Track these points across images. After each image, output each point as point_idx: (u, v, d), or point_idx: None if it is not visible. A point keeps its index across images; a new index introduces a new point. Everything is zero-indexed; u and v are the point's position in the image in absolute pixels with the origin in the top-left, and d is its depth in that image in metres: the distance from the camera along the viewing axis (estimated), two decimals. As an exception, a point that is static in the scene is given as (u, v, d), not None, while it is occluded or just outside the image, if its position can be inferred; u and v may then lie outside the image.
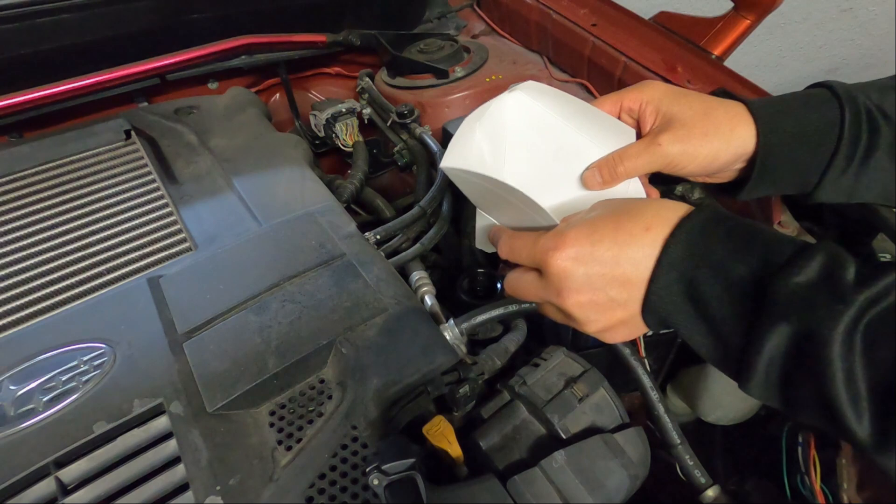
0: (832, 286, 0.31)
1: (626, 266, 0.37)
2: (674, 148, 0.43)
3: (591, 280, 0.38)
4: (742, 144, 0.44)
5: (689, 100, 0.45)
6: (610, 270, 0.37)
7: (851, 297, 0.30)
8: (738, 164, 0.46)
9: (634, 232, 0.37)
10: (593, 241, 0.38)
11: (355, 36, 1.06)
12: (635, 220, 0.38)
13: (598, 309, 0.39)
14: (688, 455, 0.51)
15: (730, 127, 0.44)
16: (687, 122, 0.44)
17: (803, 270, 0.32)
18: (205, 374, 0.49)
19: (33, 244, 0.65)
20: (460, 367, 0.52)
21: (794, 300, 0.31)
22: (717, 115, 0.44)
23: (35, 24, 0.84)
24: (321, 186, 0.75)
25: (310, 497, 0.42)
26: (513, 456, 0.49)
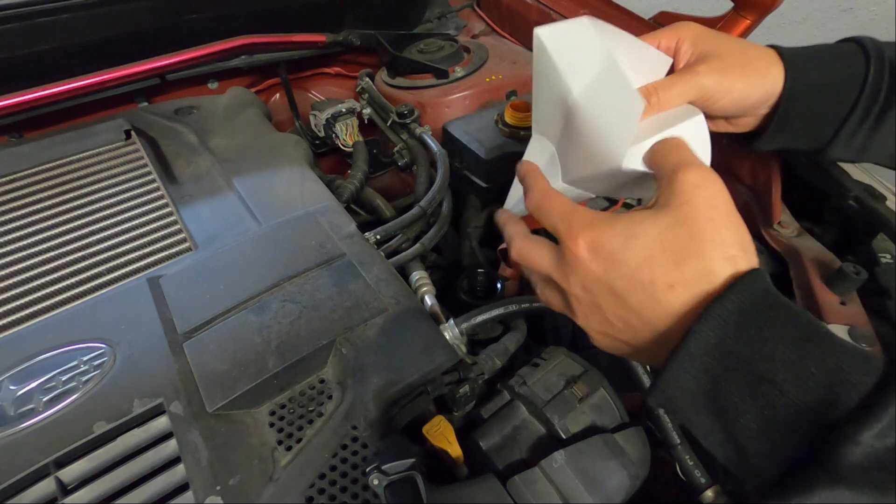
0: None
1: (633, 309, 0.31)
2: (710, 79, 0.41)
3: (594, 289, 0.33)
4: (773, 84, 0.43)
5: (724, 37, 0.44)
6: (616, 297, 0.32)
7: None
8: (763, 109, 0.45)
9: (657, 282, 0.30)
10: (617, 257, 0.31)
11: (355, 36, 1.06)
12: (665, 264, 0.30)
13: (590, 312, 0.34)
14: (688, 455, 0.51)
15: (765, 64, 0.43)
16: (724, 55, 0.42)
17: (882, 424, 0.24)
18: (205, 374, 0.49)
19: (33, 244, 0.65)
20: (460, 367, 0.52)
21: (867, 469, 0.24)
22: (752, 52, 0.44)
23: (35, 24, 0.84)
24: (321, 186, 0.75)
25: (310, 497, 0.42)
26: (513, 456, 0.49)
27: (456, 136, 0.84)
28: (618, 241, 0.32)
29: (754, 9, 0.79)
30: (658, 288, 0.30)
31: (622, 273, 0.31)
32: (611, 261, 0.32)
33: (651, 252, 0.31)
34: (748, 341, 0.27)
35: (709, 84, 0.41)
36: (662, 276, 0.30)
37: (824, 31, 2.30)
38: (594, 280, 0.33)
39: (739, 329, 0.27)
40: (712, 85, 0.41)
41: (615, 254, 0.31)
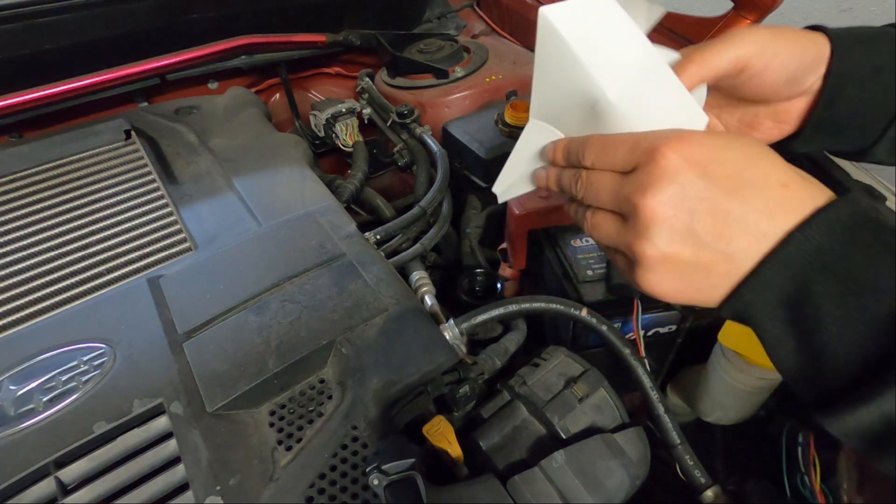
0: None
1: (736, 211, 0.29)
2: (747, 43, 0.37)
3: (688, 193, 0.29)
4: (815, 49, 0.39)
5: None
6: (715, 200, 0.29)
7: None
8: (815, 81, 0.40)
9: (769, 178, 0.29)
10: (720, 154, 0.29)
11: (355, 36, 1.06)
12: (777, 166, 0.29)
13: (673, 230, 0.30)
14: (688, 455, 0.51)
15: (805, 33, 0.39)
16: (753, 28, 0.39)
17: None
18: (205, 374, 0.49)
19: (33, 244, 0.65)
20: (460, 367, 0.52)
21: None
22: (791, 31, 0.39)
23: (35, 24, 0.84)
24: (321, 186, 0.75)
25: (310, 497, 0.42)
26: (513, 456, 0.49)
27: (456, 136, 0.84)
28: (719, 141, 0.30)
29: (754, 9, 0.79)
30: (771, 185, 0.29)
31: (726, 171, 0.29)
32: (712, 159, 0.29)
33: (755, 152, 0.30)
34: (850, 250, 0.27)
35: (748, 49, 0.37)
36: (775, 174, 0.29)
37: (824, 31, 2.30)
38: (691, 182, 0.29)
39: (846, 236, 0.27)
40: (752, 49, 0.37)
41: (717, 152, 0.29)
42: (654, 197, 0.30)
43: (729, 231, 0.29)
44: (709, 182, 0.29)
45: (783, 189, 0.29)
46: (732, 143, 0.30)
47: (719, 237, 0.29)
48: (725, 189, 0.29)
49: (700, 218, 0.29)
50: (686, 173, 0.29)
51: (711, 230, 0.29)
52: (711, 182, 0.29)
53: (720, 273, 0.30)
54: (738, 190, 0.29)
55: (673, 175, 0.29)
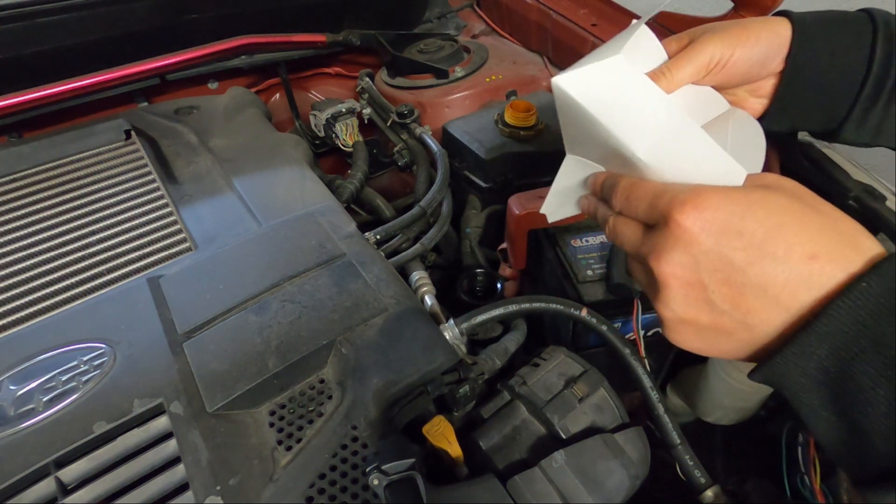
0: None
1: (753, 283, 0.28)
2: (714, 44, 0.39)
3: (701, 263, 0.29)
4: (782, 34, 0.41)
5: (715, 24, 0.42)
6: (730, 272, 0.28)
7: None
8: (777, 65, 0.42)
9: (793, 251, 0.27)
10: (738, 224, 0.28)
11: (355, 36, 1.07)
12: (804, 235, 0.27)
13: (688, 297, 0.30)
14: (688, 455, 0.51)
15: (763, 20, 0.42)
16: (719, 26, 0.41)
17: None
18: (205, 374, 0.49)
19: (33, 244, 0.65)
20: (460, 367, 0.52)
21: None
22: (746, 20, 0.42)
23: (35, 24, 0.84)
24: (321, 186, 0.75)
25: (310, 497, 0.42)
26: (513, 456, 0.49)
27: (456, 136, 0.84)
28: (737, 208, 0.28)
29: (754, 9, 0.79)
30: (795, 258, 0.27)
31: (744, 244, 0.28)
32: (727, 230, 0.28)
33: (777, 221, 0.28)
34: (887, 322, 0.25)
35: (714, 48, 0.39)
36: (800, 245, 0.27)
37: (824, 31, 2.30)
38: (705, 251, 0.29)
39: (885, 309, 0.25)
40: (718, 49, 0.39)
41: (733, 223, 0.28)
42: (667, 265, 0.30)
43: (747, 303, 0.28)
44: (723, 254, 0.28)
45: (810, 261, 0.27)
46: (754, 212, 0.28)
47: (737, 307, 0.29)
48: (743, 262, 0.28)
49: (715, 289, 0.29)
50: (700, 244, 0.29)
51: (729, 300, 0.29)
52: (726, 255, 0.28)
53: (742, 339, 0.30)
54: (756, 263, 0.28)
55: (686, 245, 0.29)
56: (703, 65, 0.40)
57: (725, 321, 0.30)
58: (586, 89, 0.36)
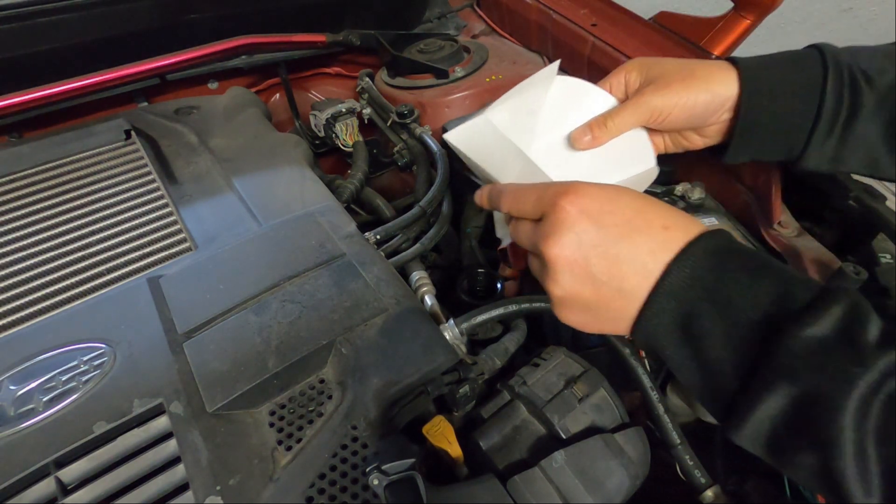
0: (850, 344, 0.27)
1: (625, 254, 0.33)
2: (656, 98, 0.45)
3: (583, 240, 0.34)
4: (723, 91, 0.46)
5: (669, 60, 0.48)
6: (607, 246, 0.34)
7: (871, 359, 0.27)
8: (724, 115, 0.47)
9: (653, 224, 0.34)
10: (609, 206, 0.34)
11: (355, 36, 1.06)
12: (659, 212, 0.34)
13: (574, 273, 0.35)
14: (688, 455, 0.51)
15: (707, 73, 0.46)
16: (667, 75, 0.46)
17: (818, 322, 0.28)
18: (205, 374, 0.49)
19: (33, 244, 0.65)
20: (460, 367, 0.52)
21: (804, 357, 0.28)
22: (695, 66, 0.47)
23: (35, 24, 0.84)
24: (321, 186, 0.75)
25: (310, 497, 0.42)
26: (513, 456, 0.49)
27: (456, 136, 0.84)
28: (606, 196, 0.35)
29: (754, 9, 0.79)
30: (655, 229, 0.33)
31: (615, 221, 0.34)
32: (602, 211, 0.34)
33: (640, 203, 0.35)
34: (716, 274, 0.31)
35: (656, 102, 0.45)
36: (657, 219, 0.34)
37: (824, 31, 2.30)
38: (585, 229, 0.34)
39: (710, 265, 0.32)
40: (659, 103, 0.45)
41: (606, 206, 0.34)
42: (556, 244, 0.35)
43: (621, 271, 0.33)
44: (601, 230, 0.34)
45: (664, 231, 0.33)
46: (622, 196, 0.35)
47: (613, 276, 0.34)
48: (615, 236, 0.34)
49: (595, 262, 0.34)
50: (581, 223, 0.34)
51: (606, 271, 0.34)
52: (603, 230, 0.34)
53: (618, 308, 0.35)
54: (626, 236, 0.33)
55: (570, 226, 0.34)
56: (644, 118, 0.46)
57: (605, 291, 0.34)
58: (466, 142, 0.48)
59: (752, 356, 0.30)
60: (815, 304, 0.29)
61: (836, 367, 0.27)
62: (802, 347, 0.28)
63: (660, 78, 0.46)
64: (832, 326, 0.28)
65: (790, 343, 0.28)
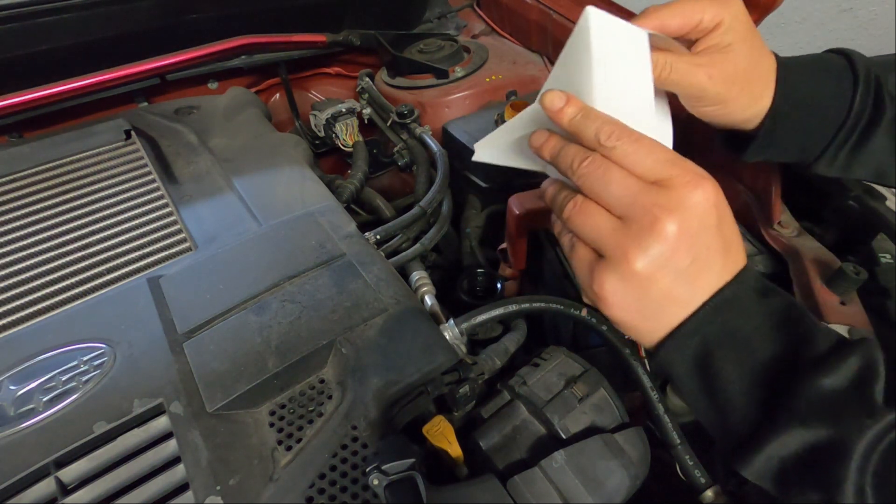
0: (863, 397, 0.29)
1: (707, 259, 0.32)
2: (712, 85, 0.42)
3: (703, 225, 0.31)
4: (763, 107, 0.45)
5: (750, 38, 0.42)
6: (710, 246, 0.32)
7: (880, 413, 0.29)
8: (750, 125, 0.47)
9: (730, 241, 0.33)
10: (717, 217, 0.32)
11: (355, 36, 1.06)
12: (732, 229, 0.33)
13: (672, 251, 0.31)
14: (688, 455, 0.51)
15: (762, 87, 0.44)
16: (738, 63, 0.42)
17: (836, 372, 0.30)
18: (205, 374, 0.49)
19: (33, 244, 0.65)
20: (460, 367, 0.52)
21: (820, 404, 0.29)
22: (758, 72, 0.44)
23: (35, 24, 0.84)
24: (321, 186, 0.75)
25: (310, 497, 0.42)
26: (513, 456, 0.49)
27: (456, 136, 0.84)
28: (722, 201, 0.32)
29: (754, 9, 0.79)
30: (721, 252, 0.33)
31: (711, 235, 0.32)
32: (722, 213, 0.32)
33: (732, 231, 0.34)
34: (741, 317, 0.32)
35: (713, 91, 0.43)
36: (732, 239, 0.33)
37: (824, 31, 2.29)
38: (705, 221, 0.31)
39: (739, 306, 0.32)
40: (711, 91, 0.43)
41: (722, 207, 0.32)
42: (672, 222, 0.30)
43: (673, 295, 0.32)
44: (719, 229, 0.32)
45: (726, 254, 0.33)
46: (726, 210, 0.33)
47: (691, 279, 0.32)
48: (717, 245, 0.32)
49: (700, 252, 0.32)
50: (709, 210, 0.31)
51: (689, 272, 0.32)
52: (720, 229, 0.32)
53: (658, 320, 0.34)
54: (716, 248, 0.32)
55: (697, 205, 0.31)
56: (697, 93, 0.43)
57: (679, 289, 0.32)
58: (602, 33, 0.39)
59: (767, 399, 0.31)
60: (833, 353, 0.30)
61: (850, 417, 0.29)
62: (819, 395, 0.29)
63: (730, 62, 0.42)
64: (849, 378, 0.30)
65: (808, 390, 0.30)
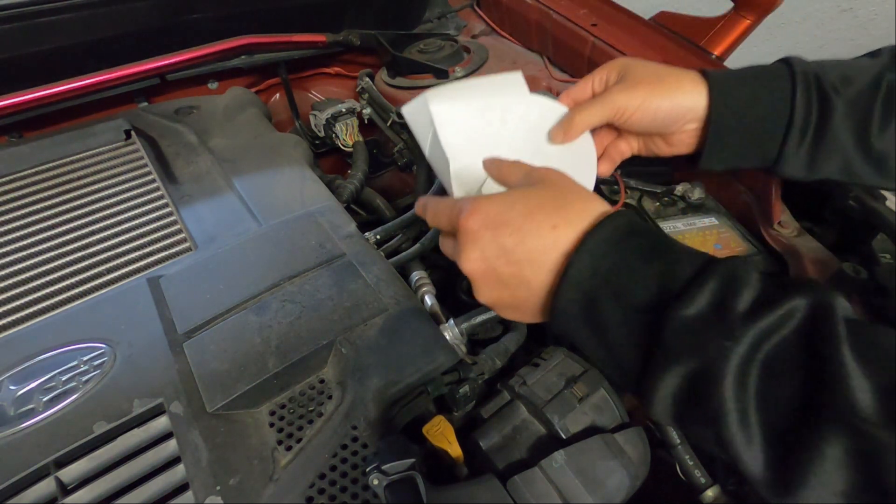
0: (721, 319, 0.29)
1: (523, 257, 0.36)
2: (621, 96, 0.46)
3: (487, 254, 0.36)
4: (687, 102, 0.47)
5: (650, 64, 0.48)
6: (507, 254, 0.36)
7: (740, 331, 0.28)
8: (689, 125, 0.48)
9: (542, 225, 0.35)
10: (503, 217, 0.36)
11: (355, 36, 1.06)
12: (547, 213, 0.36)
13: (488, 282, 0.38)
14: (688, 455, 0.51)
15: (676, 82, 0.47)
16: (638, 77, 0.47)
17: (694, 300, 0.30)
18: (205, 374, 0.49)
19: (33, 244, 0.65)
20: (460, 367, 0.52)
21: (685, 337, 0.30)
22: (667, 74, 0.48)
23: (35, 24, 0.84)
24: (321, 186, 0.75)
25: (310, 497, 0.42)
26: (513, 456, 0.49)
27: (456, 136, 0.84)
28: (500, 207, 0.37)
29: (754, 9, 0.79)
30: (544, 230, 0.35)
31: (510, 230, 0.36)
32: (498, 223, 0.36)
33: (530, 208, 0.36)
34: (611, 260, 0.33)
35: (621, 101, 0.46)
36: (545, 220, 0.35)
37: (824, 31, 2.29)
38: (487, 243, 0.36)
39: (605, 253, 0.33)
40: (623, 102, 0.46)
41: (500, 216, 0.36)
42: (466, 262, 0.37)
43: (525, 274, 0.36)
44: (499, 240, 0.36)
45: (553, 230, 0.35)
46: (514, 204, 0.37)
47: (521, 280, 0.36)
48: (513, 244, 0.36)
49: (502, 269, 0.36)
50: (482, 238, 0.36)
51: (514, 276, 0.36)
52: (501, 240, 0.36)
53: (533, 303, 0.37)
54: (521, 243, 0.36)
55: (473, 242, 0.37)
56: (608, 114, 0.47)
57: (519, 293, 0.37)
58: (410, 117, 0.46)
59: (647, 342, 0.31)
60: (692, 281, 0.31)
61: (712, 343, 0.29)
62: (681, 328, 0.30)
63: (630, 78, 0.47)
64: (706, 302, 0.30)
65: (672, 325, 0.30)
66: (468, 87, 0.47)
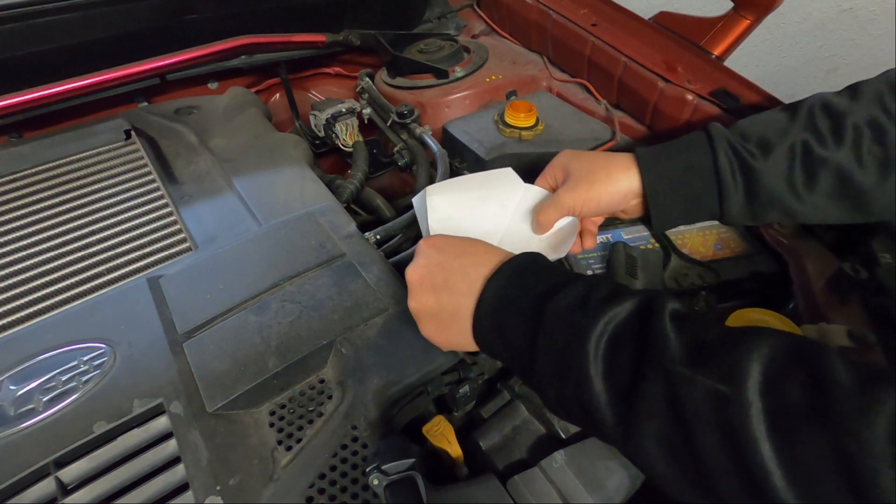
0: (585, 307, 0.37)
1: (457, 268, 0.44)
2: (567, 198, 0.54)
3: (430, 262, 0.45)
4: (625, 185, 0.54)
5: (581, 159, 0.56)
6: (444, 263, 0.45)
7: (595, 314, 0.36)
8: (633, 200, 0.55)
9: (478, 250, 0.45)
10: (450, 241, 0.47)
11: (355, 36, 1.06)
12: (484, 246, 0.46)
13: (420, 287, 0.45)
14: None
15: (607, 174, 0.54)
16: (576, 175, 0.55)
17: (566, 295, 0.38)
18: (205, 374, 0.49)
19: (33, 244, 0.65)
20: (460, 367, 0.52)
21: (558, 320, 0.37)
22: (598, 167, 0.55)
23: (35, 24, 0.84)
24: (321, 186, 0.75)
25: (310, 497, 0.42)
26: (513, 456, 0.49)
27: (456, 136, 0.84)
28: (447, 240, 0.47)
29: (754, 9, 0.79)
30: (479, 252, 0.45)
31: (452, 251, 0.45)
32: (444, 244, 0.46)
33: (473, 241, 0.47)
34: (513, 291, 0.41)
35: (569, 202, 0.54)
36: (481, 247, 0.46)
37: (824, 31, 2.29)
38: (431, 257, 0.46)
39: (510, 279, 0.42)
40: (570, 202, 0.54)
41: (448, 241, 0.47)
42: (410, 268, 0.46)
43: (453, 280, 0.43)
44: (442, 253, 0.45)
45: (485, 254, 0.44)
46: (454, 241, 0.47)
47: (448, 284, 0.44)
48: (451, 254, 0.45)
49: (436, 273, 0.44)
50: (429, 251, 0.46)
51: (443, 280, 0.44)
52: (443, 253, 0.45)
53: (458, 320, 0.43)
54: (459, 255, 0.45)
55: (421, 253, 0.47)
56: (564, 213, 0.55)
57: (444, 297, 0.44)
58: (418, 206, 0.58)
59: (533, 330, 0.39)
60: (567, 283, 0.39)
61: (577, 323, 0.36)
62: (556, 313, 0.38)
63: (571, 178, 0.55)
64: (575, 295, 0.38)
65: (549, 312, 0.38)
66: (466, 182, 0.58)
